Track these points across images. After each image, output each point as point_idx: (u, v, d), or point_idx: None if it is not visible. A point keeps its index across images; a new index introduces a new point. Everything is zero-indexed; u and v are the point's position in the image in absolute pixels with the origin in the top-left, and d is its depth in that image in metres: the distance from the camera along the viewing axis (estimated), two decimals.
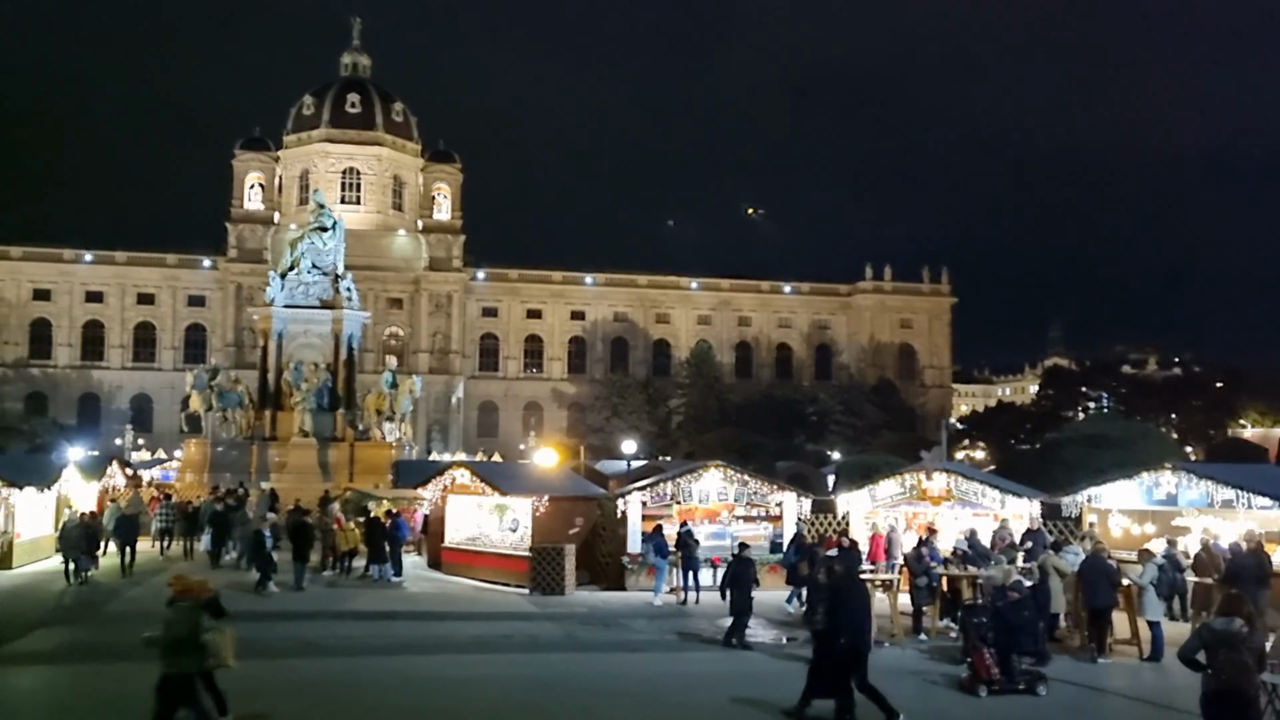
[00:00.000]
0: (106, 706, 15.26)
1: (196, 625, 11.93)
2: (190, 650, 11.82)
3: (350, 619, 22.97)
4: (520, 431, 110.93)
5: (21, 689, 16.77)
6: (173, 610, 12.21)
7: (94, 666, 18.02)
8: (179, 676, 11.80)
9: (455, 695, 15.71)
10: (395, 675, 17.25)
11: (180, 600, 12.27)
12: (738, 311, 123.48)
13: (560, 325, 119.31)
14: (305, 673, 17.41)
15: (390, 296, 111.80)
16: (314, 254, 53.19)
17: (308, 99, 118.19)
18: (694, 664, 18.91)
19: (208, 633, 11.94)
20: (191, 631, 11.87)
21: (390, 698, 15.47)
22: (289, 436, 48.75)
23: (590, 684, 16.74)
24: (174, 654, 11.81)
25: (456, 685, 16.52)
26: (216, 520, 32.02)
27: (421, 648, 19.76)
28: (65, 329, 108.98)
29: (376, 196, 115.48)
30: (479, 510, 29.76)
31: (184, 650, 11.80)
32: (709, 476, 28.49)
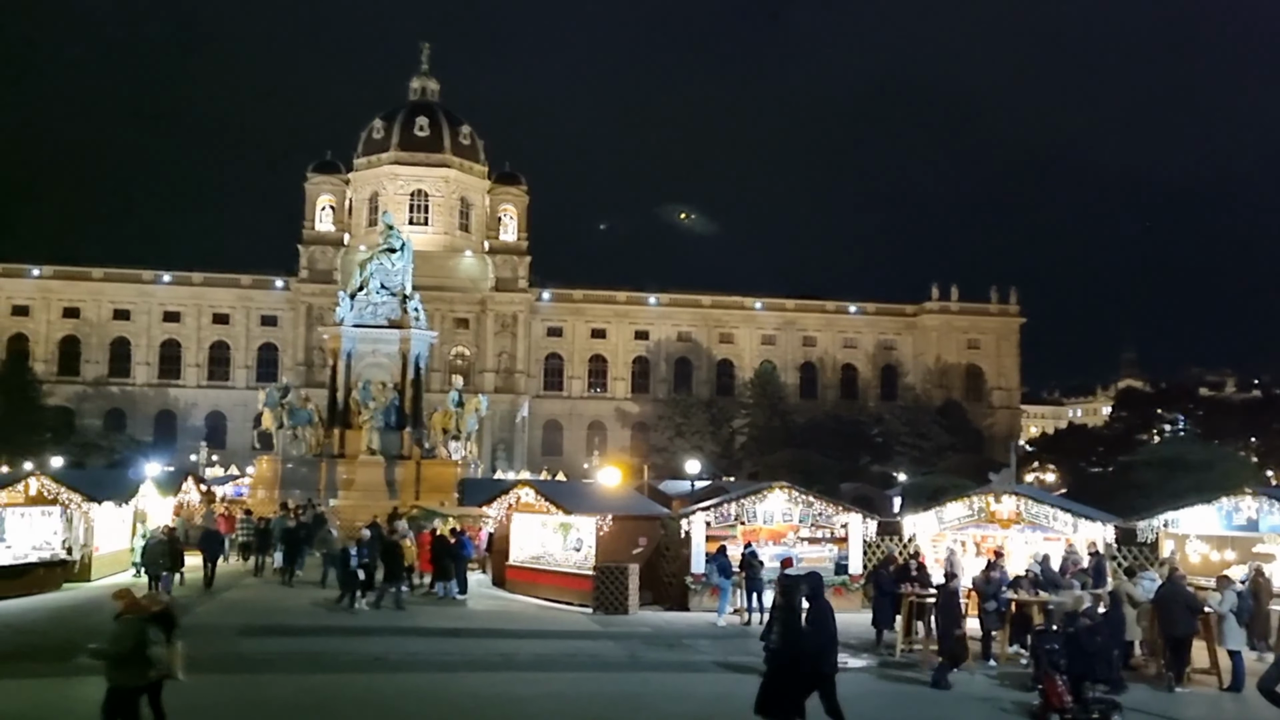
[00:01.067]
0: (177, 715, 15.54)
1: (142, 639, 12.00)
2: (135, 663, 11.91)
3: (415, 635, 23.17)
4: (584, 451, 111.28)
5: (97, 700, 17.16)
6: (118, 624, 12.32)
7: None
8: (124, 690, 11.89)
9: (518, 713, 15.78)
10: (459, 692, 17.36)
11: (126, 614, 12.38)
12: (802, 331, 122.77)
13: (624, 345, 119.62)
14: (370, 688, 17.60)
15: (457, 316, 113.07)
16: (383, 275, 54.04)
17: (377, 123, 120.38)
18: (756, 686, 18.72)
19: (153, 646, 12.02)
20: (137, 645, 11.96)
21: (454, 714, 15.58)
22: (357, 454, 49.44)
23: (653, 704, 16.69)
24: (119, 667, 11.94)
25: (519, 703, 16.58)
26: (288, 537, 32.30)
27: (485, 665, 19.87)
28: (144, 348, 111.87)
29: (444, 218, 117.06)
30: (543, 529, 29.89)
31: (129, 663, 11.91)
32: (773, 497, 28.30)
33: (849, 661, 20.85)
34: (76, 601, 26.85)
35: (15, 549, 27.85)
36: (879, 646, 22.07)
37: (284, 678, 18.31)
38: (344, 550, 27.17)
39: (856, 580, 27.76)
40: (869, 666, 20.66)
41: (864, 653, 21.74)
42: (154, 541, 27.50)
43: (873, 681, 19.57)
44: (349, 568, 26.42)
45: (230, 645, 21.37)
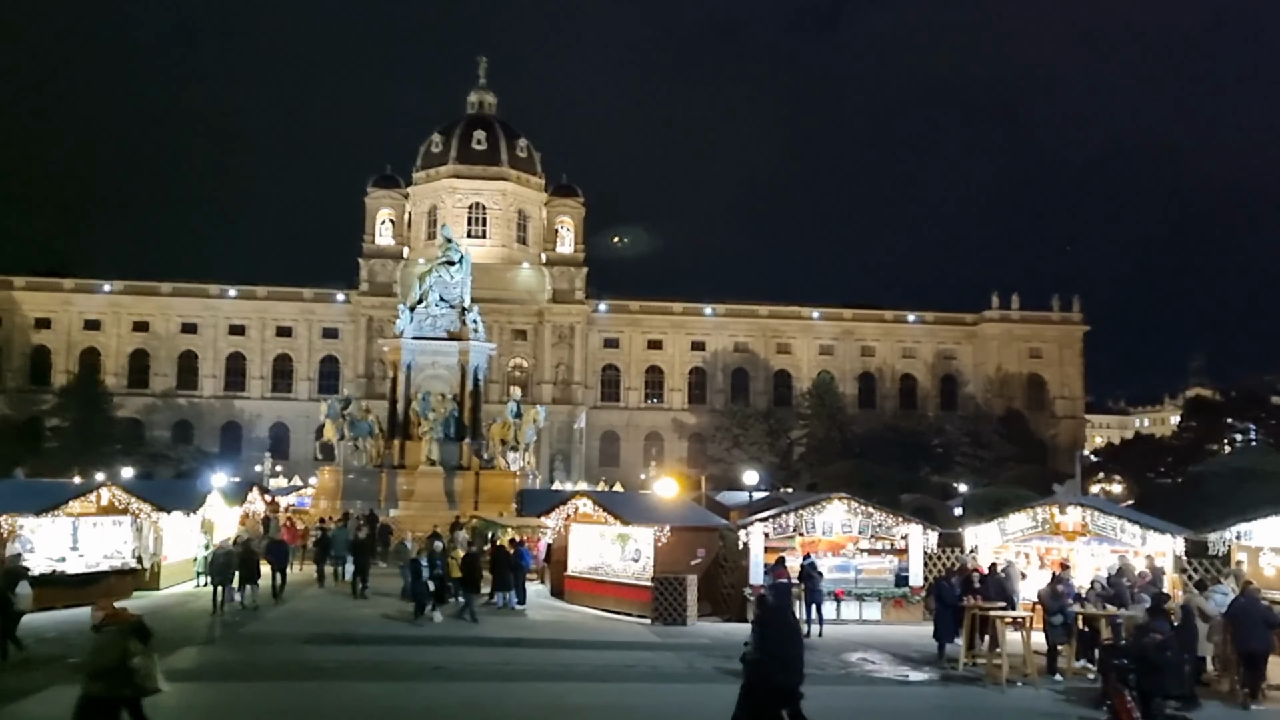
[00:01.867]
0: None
1: (124, 650, 11.93)
2: (117, 675, 11.82)
3: (475, 645, 23.32)
4: (641, 461, 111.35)
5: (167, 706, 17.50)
6: (100, 635, 12.26)
7: (234, 685, 18.75)
8: (104, 700, 11.76)
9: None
10: (519, 702, 17.43)
11: (107, 625, 12.30)
12: (860, 341, 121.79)
13: (681, 356, 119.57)
14: (430, 697, 17.75)
15: (515, 328, 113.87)
16: (442, 287, 54.62)
17: (436, 137, 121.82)
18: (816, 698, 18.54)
19: (134, 657, 11.93)
20: (120, 656, 11.88)
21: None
22: (417, 465, 49.96)
23: (712, 716, 16.57)
24: (101, 678, 11.84)
25: (578, 713, 16.62)
26: (359, 549, 32.18)
27: (544, 675, 19.94)
28: (210, 361, 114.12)
29: (501, 230, 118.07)
30: (601, 539, 29.94)
31: (111, 675, 11.81)
32: (832, 508, 28.10)
33: (910, 674, 20.65)
34: (146, 609, 27.24)
35: (88, 557, 28.56)
36: (941, 660, 21.77)
37: (347, 685, 18.55)
38: (414, 562, 27.11)
39: (917, 592, 27.45)
40: (931, 680, 20.40)
41: (926, 666, 21.47)
42: (221, 553, 27.73)
43: (936, 695, 19.33)
44: (421, 579, 26.39)
45: (295, 653, 21.70)
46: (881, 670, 20.98)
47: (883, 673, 20.74)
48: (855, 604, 27.47)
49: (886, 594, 27.57)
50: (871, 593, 27.58)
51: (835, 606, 26.91)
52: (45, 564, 27.32)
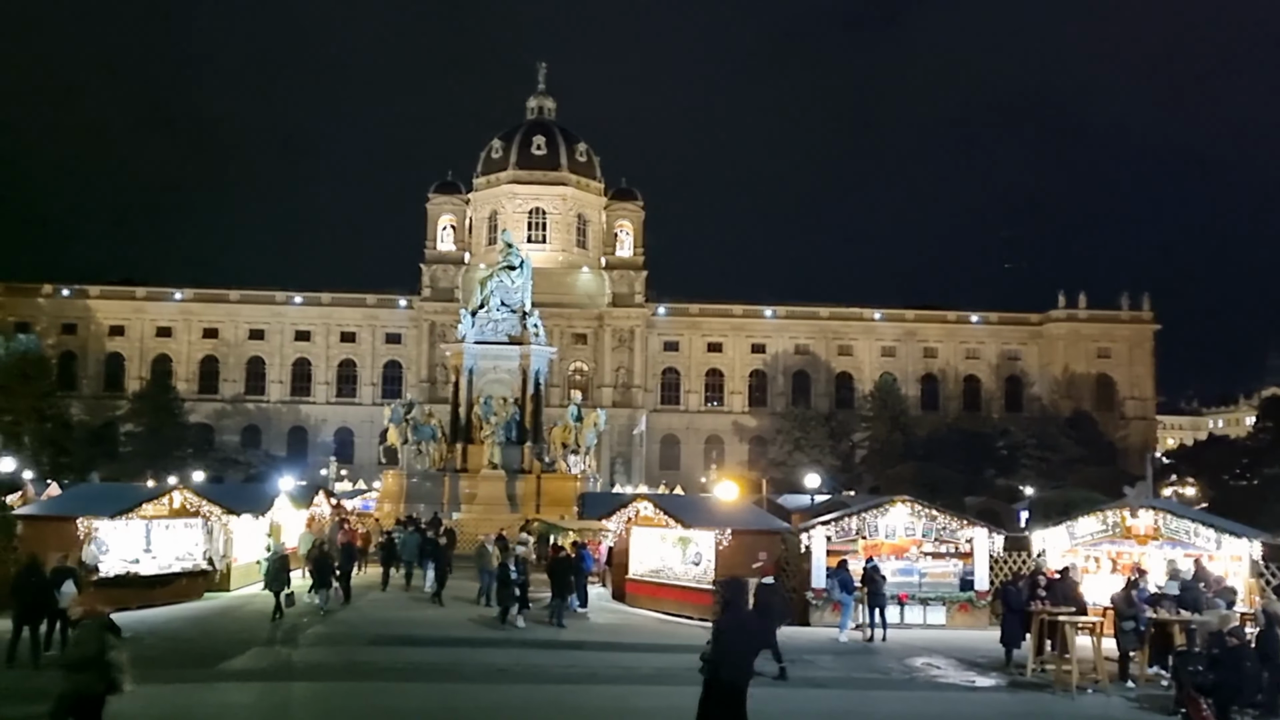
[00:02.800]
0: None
1: (103, 644, 11.99)
2: (96, 669, 11.88)
3: (537, 647, 23.43)
4: (701, 465, 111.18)
5: (239, 704, 17.87)
6: (80, 629, 12.40)
7: (302, 685, 19.05)
8: (87, 697, 11.82)
9: None
10: (582, 704, 17.48)
11: (87, 620, 12.42)
12: (923, 343, 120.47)
13: (741, 358, 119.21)
14: (494, 699, 17.86)
15: (575, 332, 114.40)
16: (503, 292, 55.05)
17: (496, 142, 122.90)
18: (880, 703, 18.44)
19: (112, 651, 11.97)
20: (99, 650, 11.93)
21: None
22: (479, 468, 50.37)
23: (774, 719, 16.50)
24: (80, 672, 11.92)
25: (641, 716, 16.62)
26: (439, 554, 31.82)
27: (607, 678, 19.97)
28: (277, 366, 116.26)
29: (561, 235, 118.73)
30: (662, 542, 29.92)
31: (90, 669, 11.87)
32: (895, 511, 27.79)
33: (976, 680, 20.34)
34: (217, 610, 27.99)
35: (160, 559, 29.20)
36: (1009, 666, 21.41)
37: (411, 686, 18.74)
38: (503, 565, 26.80)
39: (983, 597, 27.03)
40: (998, 686, 20.08)
41: (993, 672, 21.14)
42: (275, 557, 27.51)
43: (1004, 702, 19.02)
44: (509, 584, 26.14)
45: (359, 654, 21.98)
46: (947, 675, 20.69)
47: (948, 678, 20.45)
48: (919, 608, 27.12)
49: (951, 598, 27.20)
50: (936, 597, 27.21)
51: (899, 610, 26.60)
52: (120, 565, 28.00)
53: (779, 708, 17.67)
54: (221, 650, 21.90)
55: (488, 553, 30.18)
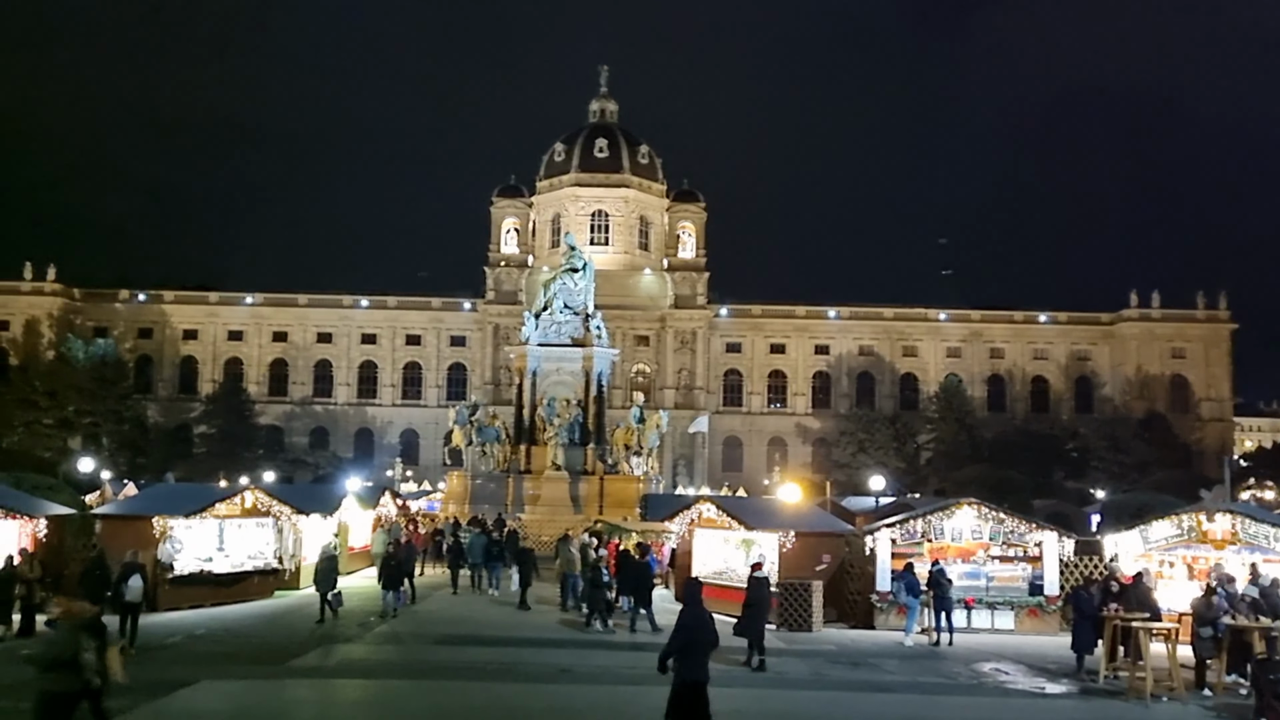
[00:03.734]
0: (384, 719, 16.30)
1: (76, 645, 12.13)
2: (68, 669, 12.03)
3: (601, 648, 23.51)
4: (764, 467, 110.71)
5: (308, 700, 18.19)
6: (54, 630, 12.62)
7: (369, 682, 19.34)
8: (61, 695, 11.97)
9: None
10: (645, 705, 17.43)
11: (62, 620, 12.60)
12: (989, 343, 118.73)
13: (804, 360, 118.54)
14: (557, 698, 17.97)
15: (637, 334, 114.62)
16: (566, 294, 55.38)
17: (558, 146, 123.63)
18: (947, 708, 18.20)
19: (84, 653, 12.11)
20: (71, 651, 12.08)
21: None
22: (542, 470, 50.69)
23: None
24: (52, 672, 12.09)
25: None
26: (523, 558, 30.70)
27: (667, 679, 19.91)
28: (344, 369, 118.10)
29: (623, 237, 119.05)
30: (725, 544, 29.84)
31: (62, 669, 12.03)
32: (962, 514, 27.42)
33: (1046, 686, 19.98)
34: (287, 608, 28.50)
35: (233, 558, 29.87)
36: (1080, 672, 21.00)
37: (475, 685, 18.91)
38: (595, 569, 26.64)
39: (1053, 601, 26.56)
40: (1070, 693, 19.71)
41: (1063, 678, 20.76)
42: (322, 560, 27.24)
43: (1075, 709, 18.68)
44: (600, 586, 25.94)
45: (427, 653, 22.25)
46: (1016, 681, 20.37)
47: (1017, 684, 20.13)
48: (987, 612, 26.74)
49: (1020, 603, 26.76)
50: (1004, 601, 26.79)
51: (965, 614, 26.25)
52: (194, 564, 28.66)
53: (845, 711, 17.57)
54: (292, 647, 22.32)
55: (573, 556, 29.69)
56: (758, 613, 21.49)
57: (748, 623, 21.32)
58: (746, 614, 21.53)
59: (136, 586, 22.38)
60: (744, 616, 21.55)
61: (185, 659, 21.06)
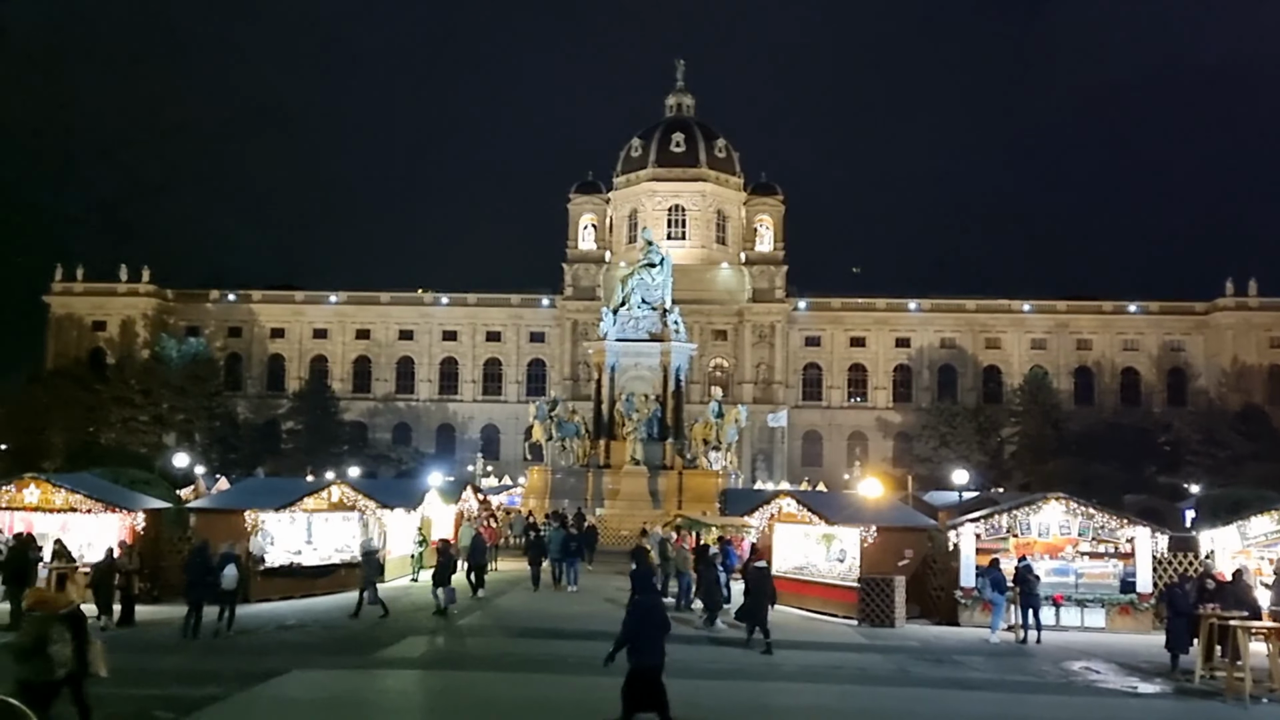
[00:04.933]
0: (468, 709, 16.52)
1: (45, 636, 12.31)
2: (38, 660, 12.20)
3: (679, 642, 23.38)
4: (844, 461, 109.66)
5: (394, 690, 18.53)
6: (27, 620, 12.89)
7: (453, 673, 19.63)
8: (33, 684, 12.13)
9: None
10: (726, 700, 17.46)
11: (34, 611, 12.86)
12: (1076, 334, 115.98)
13: (884, 353, 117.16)
14: None
15: (715, 328, 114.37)
16: (643, 290, 55.51)
17: (635, 141, 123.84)
18: (1035, 707, 17.83)
19: (54, 645, 12.27)
20: (37, 641, 12.26)
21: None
22: (621, 464, 50.91)
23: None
24: (22, 662, 12.31)
25: (787, 714, 16.50)
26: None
27: (750, 674, 19.91)
28: (426, 366, 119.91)
29: (701, 231, 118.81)
30: (806, 539, 29.67)
31: (31, 659, 12.22)
32: (1049, 509, 26.84)
33: (1139, 686, 19.47)
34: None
35: (321, 550, 30.55)
36: (1175, 672, 20.41)
37: (557, 678, 19.06)
38: (711, 566, 26.27)
39: (1146, 599, 25.87)
40: (1164, 693, 19.17)
41: (1157, 678, 20.20)
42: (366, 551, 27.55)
43: (1169, 709, 18.17)
44: (719, 584, 25.62)
45: (511, 646, 22.50)
46: (1107, 680, 19.88)
47: (1109, 683, 19.64)
48: (1076, 610, 26.15)
49: (1111, 600, 26.12)
50: (1094, 598, 26.17)
51: (1054, 612, 25.71)
52: (284, 556, 29.39)
53: (931, 708, 17.33)
54: (378, 638, 22.75)
55: (684, 554, 29.46)
56: (758, 599, 22.73)
57: (749, 608, 22.81)
58: (747, 600, 23.12)
59: (231, 575, 23.38)
60: (745, 602, 23.20)
61: (275, 648, 21.62)
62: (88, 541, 27.04)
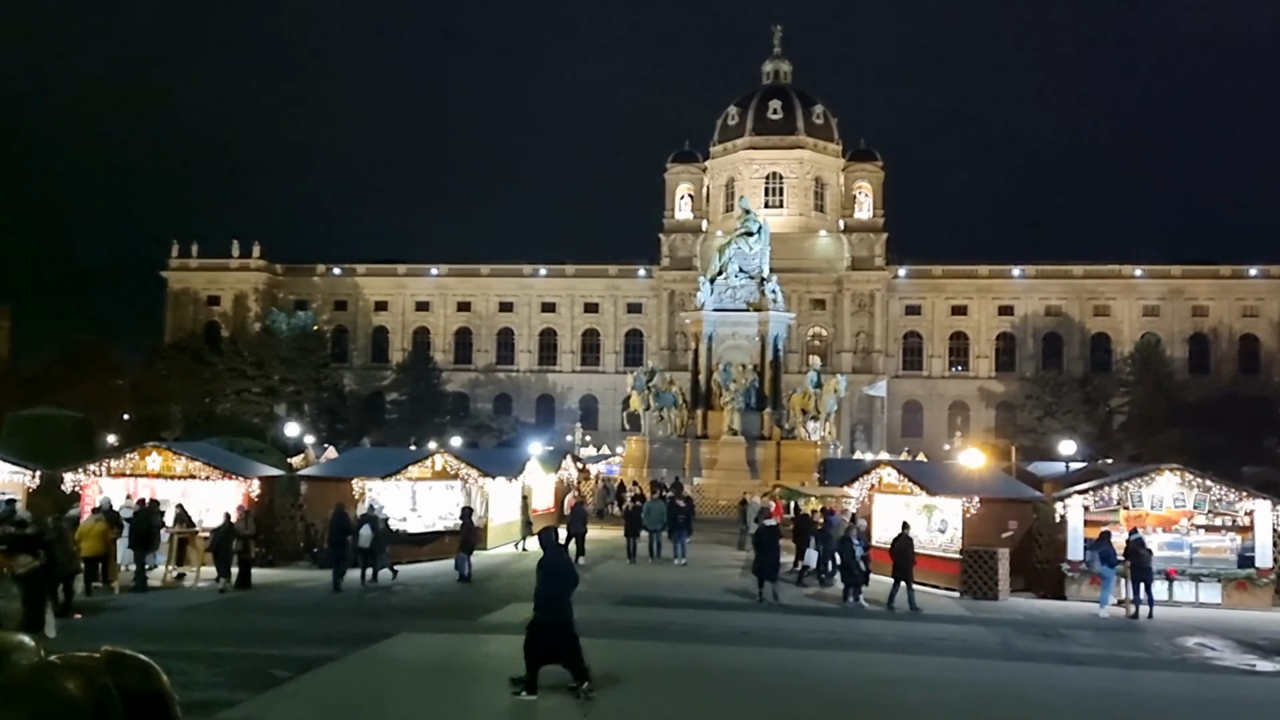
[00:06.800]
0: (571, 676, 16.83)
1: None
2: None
3: (780, 612, 23.55)
4: (945, 431, 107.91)
5: (500, 654, 18.92)
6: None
7: None
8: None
9: (888, 695, 15.56)
10: (826, 669, 17.44)
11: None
12: (1191, 300, 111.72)
13: (987, 321, 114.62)
14: (738, 659, 18.07)
15: (813, 297, 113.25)
16: (741, 259, 55.22)
17: (732, 109, 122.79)
18: (1147, 683, 17.39)
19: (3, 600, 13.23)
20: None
21: (823, 690, 15.65)
22: (719, 435, 50.94)
23: (1032, 696, 15.91)
24: None
25: (888, 685, 16.37)
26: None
27: (850, 645, 19.83)
28: (525, 337, 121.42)
29: (798, 199, 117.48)
30: (906, 510, 29.31)
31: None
32: (1162, 480, 26.06)
33: (1257, 664, 18.85)
34: (476, 566, 29.66)
35: (425, 518, 31.35)
36: None
37: (658, 645, 19.26)
38: (845, 540, 25.09)
39: (1265, 574, 24.97)
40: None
41: (1276, 655, 19.51)
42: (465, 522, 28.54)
43: None
44: (856, 559, 24.50)
45: (611, 613, 22.78)
46: (1223, 658, 19.28)
47: (1224, 660, 19.05)
48: (1190, 585, 25.41)
49: (1228, 575, 25.29)
50: (1210, 573, 25.38)
51: (1166, 587, 25.00)
52: (391, 523, 30.22)
53: (1036, 682, 17.05)
54: (483, 604, 23.28)
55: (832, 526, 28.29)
56: (766, 556, 24.94)
57: (759, 564, 25.24)
58: (758, 558, 25.42)
59: (367, 535, 25.68)
60: (756, 559, 25.66)
61: (385, 612, 22.30)
62: (206, 507, 28.15)
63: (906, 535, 24.40)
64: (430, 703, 14.46)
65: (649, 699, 14.85)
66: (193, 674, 14.92)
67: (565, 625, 14.41)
